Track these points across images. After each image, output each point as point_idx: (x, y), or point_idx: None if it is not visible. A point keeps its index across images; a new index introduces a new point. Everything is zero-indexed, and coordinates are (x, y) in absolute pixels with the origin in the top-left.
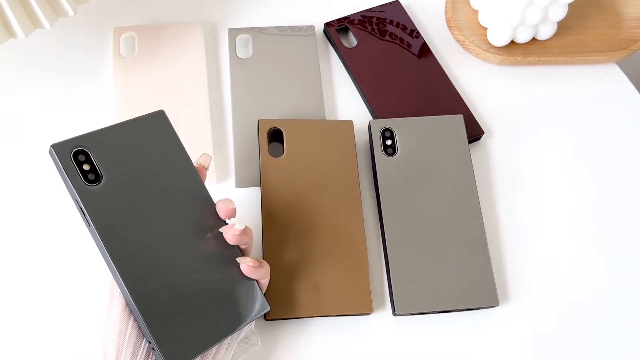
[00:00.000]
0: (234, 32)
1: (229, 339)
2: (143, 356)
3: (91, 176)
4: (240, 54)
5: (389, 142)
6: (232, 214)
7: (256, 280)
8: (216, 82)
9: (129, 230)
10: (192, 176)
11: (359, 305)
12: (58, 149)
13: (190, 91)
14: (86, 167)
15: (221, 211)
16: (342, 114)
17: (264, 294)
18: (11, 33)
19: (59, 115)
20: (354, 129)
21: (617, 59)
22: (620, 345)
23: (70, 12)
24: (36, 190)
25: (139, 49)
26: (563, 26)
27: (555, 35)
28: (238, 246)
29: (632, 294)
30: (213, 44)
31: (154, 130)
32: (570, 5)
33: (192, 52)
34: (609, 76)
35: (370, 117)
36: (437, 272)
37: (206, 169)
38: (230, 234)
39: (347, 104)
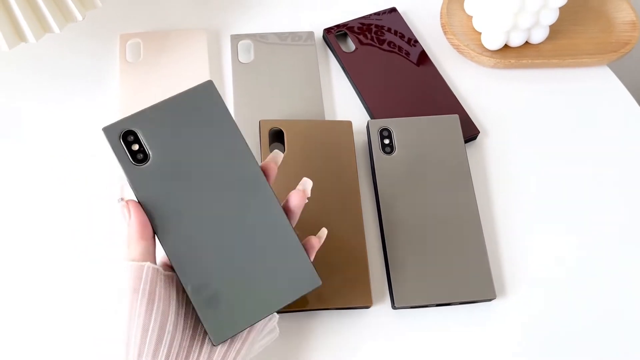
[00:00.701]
0: (236, 38)
1: (261, 323)
2: (165, 349)
3: (140, 156)
4: (242, 58)
5: (386, 141)
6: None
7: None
8: (219, 86)
9: (176, 207)
10: (241, 151)
11: (358, 298)
12: (108, 132)
13: None
14: (135, 147)
15: (295, 199)
16: (341, 116)
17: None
18: (22, 37)
19: (66, 119)
20: (353, 130)
21: (608, 62)
22: (619, 339)
23: (79, 17)
24: (41, 193)
25: (145, 55)
26: (555, 30)
27: (548, 38)
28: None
29: (629, 288)
30: (216, 50)
31: (202, 103)
32: (562, 10)
33: (196, 58)
34: (601, 78)
35: (368, 119)
36: (435, 266)
37: (274, 165)
38: (299, 198)
39: (346, 106)
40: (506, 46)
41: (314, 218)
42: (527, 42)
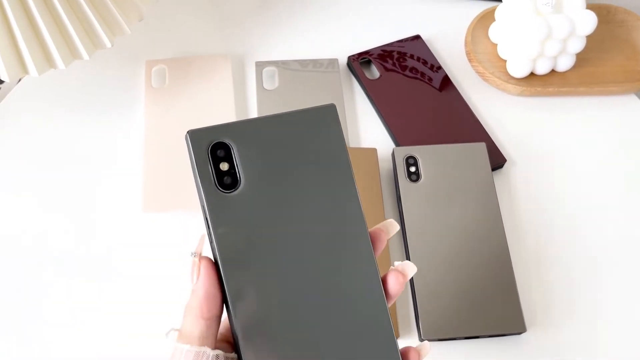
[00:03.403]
0: (260, 65)
1: None
2: None
3: (227, 179)
4: (267, 85)
5: (412, 169)
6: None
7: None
8: (243, 112)
9: (261, 269)
10: (351, 205)
11: None
12: (194, 139)
13: (218, 121)
14: (224, 166)
15: (394, 285)
16: (366, 143)
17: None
18: (51, 63)
19: (92, 143)
20: (378, 157)
21: (636, 90)
22: None
23: (108, 44)
24: (62, 217)
25: (170, 81)
26: (582, 58)
27: (574, 67)
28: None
29: None
30: (240, 76)
31: (317, 130)
32: (588, 37)
33: (220, 84)
34: (628, 106)
35: (393, 146)
36: (463, 297)
37: (386, 236)
38: (399, 285)
39: (371, 133)
40: (532, 74)
41: None
42: (553, 70)
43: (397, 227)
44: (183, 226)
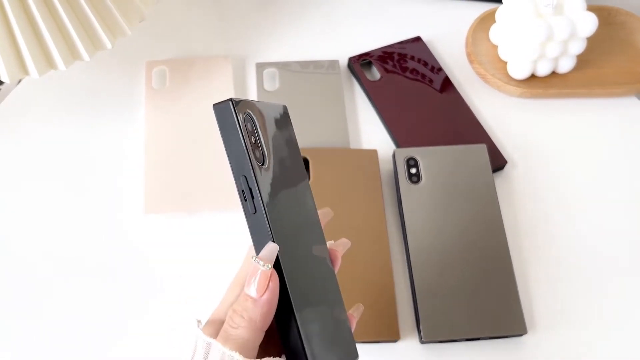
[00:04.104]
0: (261, 66)
1: None
2: None
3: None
4: (268, 87)
5: (413, 171)
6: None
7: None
8: None
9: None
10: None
11: (385, 332)
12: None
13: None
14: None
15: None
16: (367, 145)
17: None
18: (52, 64)
19: (92, 144)
20: (378, 158)
21: (637, 92)
22: None
23: (109, 45)
24: (63, 218)
25: (170, 82)
26: (583, 60)
27: (575, 68)
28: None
29: None
30: (241, 77)
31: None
32: (589, 39)
33: (221, 85)
34: (629, 108)
35: (393, 147)
36: (464, 299)
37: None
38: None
39: (371, 134)
40: (533, 76)
41: None
42: (554, 72)
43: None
44: (185, 228)
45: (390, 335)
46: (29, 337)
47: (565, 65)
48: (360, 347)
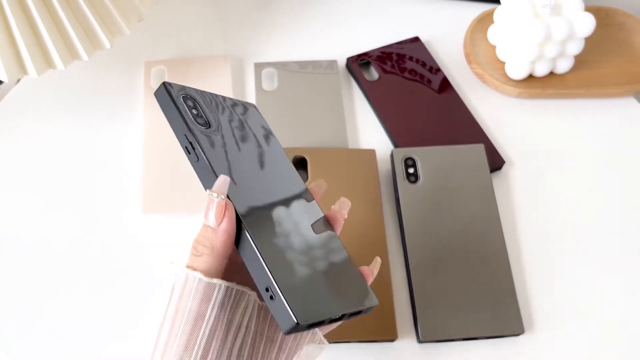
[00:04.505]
0: (259, 66)
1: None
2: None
3: (200, 120)
4: (266, 86)
5: (411, 170)
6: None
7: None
8: None
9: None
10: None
11: (383, 331)
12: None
13: None
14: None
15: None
16: (365, 144)
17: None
18: (50, 64)
19: (91, 144)
20: (376, 158)
21: (634, 92)
22: None
23: (107, 45)
24: (62, 218)
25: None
26: (580, 60)
27: (573, 69)
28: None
29: None
30: (239, 77)
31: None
32: (587, 40)
33: (220, 85)
34: (627, 109)
35: (391, 147)
36: (461, 299)
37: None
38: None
39: (369, 134)
40: (531, 76)
41: None
42: (552, 72)
43: (347, 202)
44: (183, 227)
45: (388, 334)
46: (26, 337)
47: (563, 65)
48: (358, 347)
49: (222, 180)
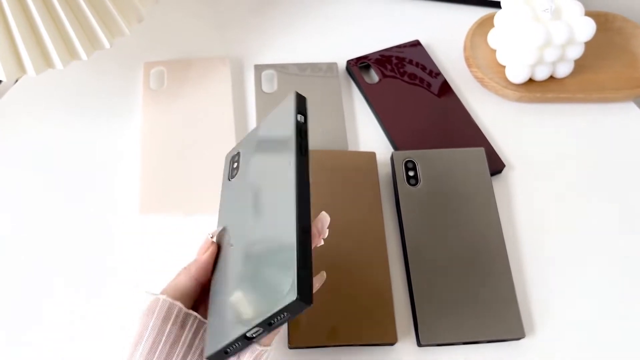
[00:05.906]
0: (259, 68)
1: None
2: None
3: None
4: (266, 88)
5: (411, 173)
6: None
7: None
8: (242, 115)
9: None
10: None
11: (383, 334)
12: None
13: (216, 123)
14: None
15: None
16: (365, 147)
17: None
18: (49, 63)
19: (89, 144)
20: (377, 161)
21: (634, 97)
22: None
23: (107, 45)
24: (59, 217)
25: (168, 83)
26: (580, 65)
27: (573, 73)
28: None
29: None
30: (239, 79)
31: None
32: (587, 44)
33: (219, 86)
34: (627, 114)
35: (392, 150)
36: (462, 302)
37: (320, 235)
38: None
39: (369, 137)
40: (531, 80)
41: (337, 251)
42: (551, 76)
43: (327, 217)
44: (180, 228)
45: (388, 338)
46: (25, 337)
47: (563, 70)
48: (357, 350)
49: (218, 230)
